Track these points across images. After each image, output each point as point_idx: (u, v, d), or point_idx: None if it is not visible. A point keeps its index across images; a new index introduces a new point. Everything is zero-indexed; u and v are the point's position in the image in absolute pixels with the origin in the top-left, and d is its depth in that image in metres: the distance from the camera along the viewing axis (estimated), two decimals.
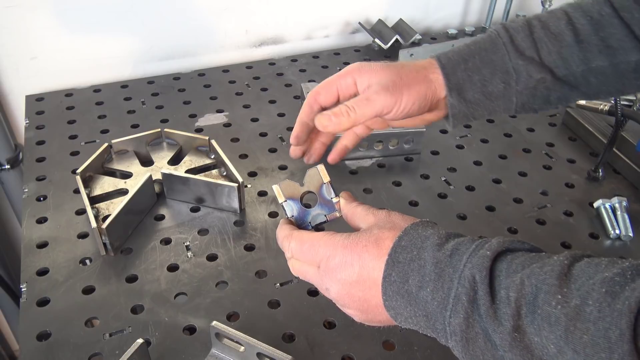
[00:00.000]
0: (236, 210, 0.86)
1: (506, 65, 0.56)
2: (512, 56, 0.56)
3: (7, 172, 1.14)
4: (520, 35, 0.56)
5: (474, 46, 0.58)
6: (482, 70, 0.56)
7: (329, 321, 0.71)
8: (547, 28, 0.56)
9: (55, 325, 0.69)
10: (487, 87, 0.56)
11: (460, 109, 0.57)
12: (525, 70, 0.56)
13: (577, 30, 0.55)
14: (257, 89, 1.17)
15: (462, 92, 0.56)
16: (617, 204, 0.88)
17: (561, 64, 0.56)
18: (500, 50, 0.56)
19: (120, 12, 1.12)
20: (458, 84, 0.56)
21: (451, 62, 0.56)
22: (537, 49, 0.56)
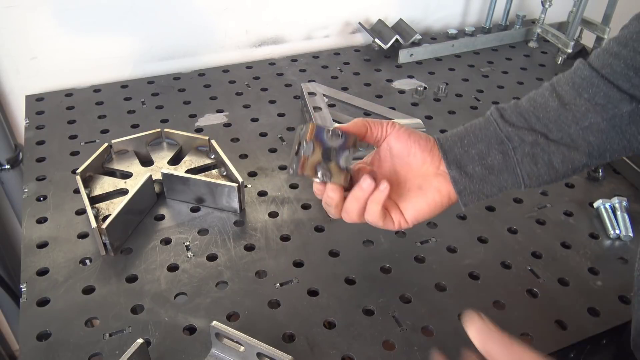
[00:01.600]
0: (236, 210, 0.86)
1: (499, 135, 0.58)
2: (502, 127, 0.58)
3: (7, 172, 1.14)
4: (508, 111, 0.59)
5: (469, 126, 0.60)
6: (478, 145, 0.58)
7: (329, 321, 0.71)
8: (532, 100, 0.59)
9: (55, 325, 0.69)
10: (486, 159, 0.58)
11: (464, 184, 0.58)
12: (516, 136, 0.58)
13: (561, 96, 0.57)
14: (257, 89, 1.17)
15: (462, 166, 0.58)
16: (617, 204, 0.88)
17: (553, 126, 0.57)
18: (492, 125, 0.59)
19: (120, 12, 1.12)
20: (456, 159, 0.58)
21: (448, 142, 0.59)
22: (525, 119, 0.58)
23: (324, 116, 0.98)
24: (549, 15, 1.34)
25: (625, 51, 0.55)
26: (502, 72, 1.27)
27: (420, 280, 0.77)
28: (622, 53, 0.55)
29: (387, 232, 0.83)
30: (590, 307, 0.74)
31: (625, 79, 0.55)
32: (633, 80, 0.54)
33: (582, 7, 1.21)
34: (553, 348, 0.69)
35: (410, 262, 0.80)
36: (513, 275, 0.78)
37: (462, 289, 0.76)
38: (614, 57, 0.56)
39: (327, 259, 0.80)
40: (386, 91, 1.18)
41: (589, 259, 0.81)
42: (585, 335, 0.71)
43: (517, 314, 0.73)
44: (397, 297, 0.74)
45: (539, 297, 0.76)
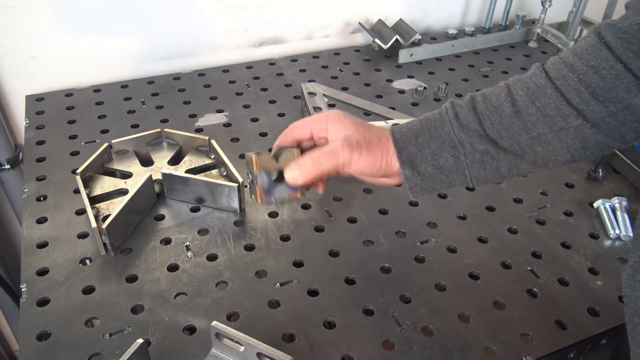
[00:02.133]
0: (236, 210, 0.86)
1: (452, 139, 0.60)
2: (456, 131, 0.60)
3: (7, 172, 1.14)
4: (464, 111, 0.60)
5: (425, 122, 0.62)
6: (432, 145, 0.60)
7: (329, 321, 0.71)
8: (488, 101, 0.60)
9: (55, 325, 0.69)
10: (438, 160, 0.60)
11: (415, 181, 0.61)
12: (469, 143, 0.60)
13: (515, 101, 0.58)
14: (257, 89, 1.17)
15: (415, 165, 0.61)
16: (617, 204, 0.88)
17: (505, 134, 0.59)
18: (447, 125, 0.60)
19: (120, 12, 1.12)
20: (410, 157, 0.61)
21: (403, 137, 0.61)
22: (480, 122, 0.59)
23: None
24: (549, 15, 1.34)
25: (580, 64, 0.56)
26: (502, 72, 1.27)
27: (420, 280, 0.77)
28: (577, 66, 0.56)
29: (387, 232, 0.84)
30: (590, 307, 0.74)
31: (577, 93, 0.56)
32: (583, 96, 0.56)
33: (582, 7, 1.21)
34: (553, 348, 0.69)
35: (410, 262, 0.80)
36: (513, 275, 0.78)
37: (462, 289, 0.76)
38: (568, 68, 0.57)
39: (327, 259, 0.80)
40: (386, 91, 1.18)
41: (589, 259, 0.81)
42: (585, 335, 0.71)
43: (517, 314, 0.73)
44: (397, 297, 0.74)
45: (539, 297, 0.76)
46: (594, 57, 0.55)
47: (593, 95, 0.55)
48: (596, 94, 0.55)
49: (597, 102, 0.56)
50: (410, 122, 0.63)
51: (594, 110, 0.56)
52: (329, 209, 0.88)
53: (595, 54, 0.55)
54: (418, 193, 0.62)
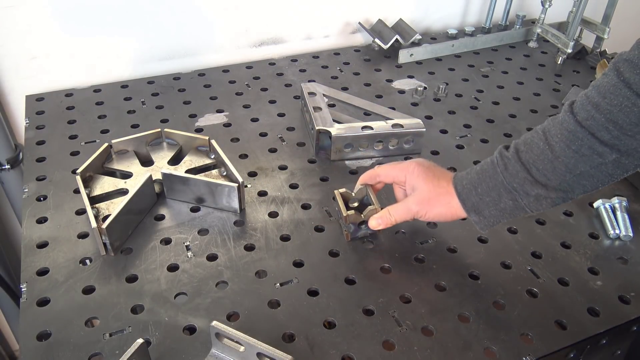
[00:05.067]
0: (236, 210, 0.86)
1: (506, 187, 0.68)
2: (508, 180, 0.68)
3: (7, 172, 1.14)
4: (512, 162, 0.68)
5: (481, 173, 0.71)
6: (491, 193, 0.69)
7: (329, 321, 0.71)
8: (531, 151, 0.67)
9: (55, 325, 0.69)
10: (499, 204, 0.70)
11: (483, 222, 0.72)
12: (522, 190, 0.67)
13: (553, 147, 0.65)
14: (257, 89, 1.17)
15: (479, 212, 0.71)
16: (617, 204, 0.88)
17: (551, 176, 0.65)
18: (499, 176, 0.69)
19: (120, 12, 1.12)
20: (473, 206, 0.71)
21: (465, 190, 0.72)
22: (527, 170, 0.67)
23: (324, 116, 0.98)
24: (549, 15, 1.34)
25: (604, 103, 0.61)
26: (502, 72, 1.27)
27: (420, 280, 0.77)
28: (602, 105, 0.61)
29: (387, 232, 0.84)
30: (590, 307, 0.74)
31: (606, 131, 0.61)
32: (612, 133, 0.61)
33: (582, 7, 1.21)
34: (553, 348, 0.69)
35: (410, 262, 0.80)
36: (513, 275, 0.78)
37: (462, 289, 0.76)
38: (595, 109, 0.61)
39: (327, 259, 0.80)
40: (386, 91, 1.18)
41: (589, 259, 0.81)
42: (585, 335, 0.71)
43: (517, 314, 0.73)
44: (397, 297, 0.74)
45: (539, 297, 0.76)
46: (616, 97, 0.60)
47: (622, 131, 0.60)
48: (624, 129, 0.60)
49: (627, 137, 0.60)
50: (469, 174, 0.73)
51: (626, 143, 0.61)
52: (329, 209, 0.88)
53: (616, 93, 0.60)
54: (486, 227, 0.73)
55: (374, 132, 0.96)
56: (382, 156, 0.99)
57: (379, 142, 0.98)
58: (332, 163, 0.98)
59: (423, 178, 0.75)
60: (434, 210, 0.74)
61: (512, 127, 1.09)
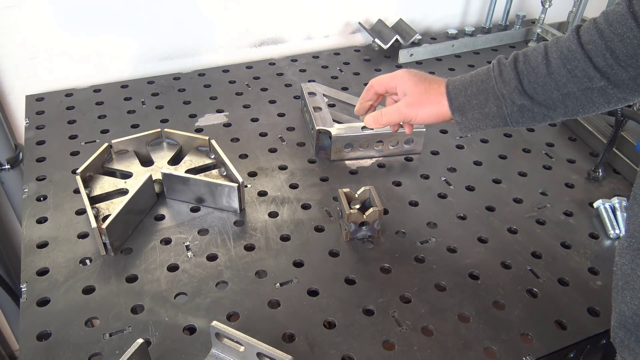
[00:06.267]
0: (236, 210, 0.86)
1: (496, 92, 0.71)
2: (499, 86, 0.71)
3: (7, 172, 1.14)
4: (507, 69, 0.70)
5: (475, 76, 0.73)
6: (478, 96, 0.72)
7: (329, 321, 0.71)
8: (528, 62, 0.69)
9: (55, 325, 0.69)
10: (484, 109, 0.72)
11: (464, 124, 0.74)
12: (509, 98, 0.70)
13: (550, 63, 0.67)
14: (257, 89, 1.17)
15: (464, 112, 0.73)
16: (617, 204, 0.88)
17: (540, 91, 0.69)
18: (492, 80, 0.71)
19: (120, 12, 1.12)
20: (460, 106, 0.73)
21: (455, 89, 0.74)
22: (519, 79, 0.69)
23: (324, 116, 0.98)
24: (549, 15, 1.34)
25: (608, 31, 0.62)
26: None
27: (420, 280, 0.77)
28: (606, 32, 0.63)
29: (387, 232, 0.84)
30: (590, 307, 0.74)
31: (603, 58, 0.63)
32: (608, 61, 0.63)
33: (582, 7, 1.21)
34: (553, 348, 0.69)
35: (410, 262, 0.80)
36: (513, 275, 0.78)
37: (462, 289, 0.76)
38: (599, 35, 0.63)
39: (327, 259, 0.80)
40: None
41: (589, 259, 0.81)
42: (585, 335, 0.71)
43: (517, 314, 0.73)
44: (397, 297, 0.74)
45: (539, 297, 0.76)
46: (621, 26, 0.61)
47: (617, 60, 0.62)
48: (619, 59, 0.62)
49: (619, 67, 0.62)
50: (463, 76, 0.75)
51: (617, 73, 0.63)
52: (329, 209, 0.88)
53: (622, 22, 0.61)
54: (466, 132, 0.75)
55: (374, 132, 0.96)
56: (382, 156, 0.99)
57: (379, 142, 0.98)
58: (332, 163, 0.98)
59: (414, 82, 0.77)
60: (423, 111, 0.76)
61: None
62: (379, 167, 0.98)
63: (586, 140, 1.05)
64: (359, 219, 0.80)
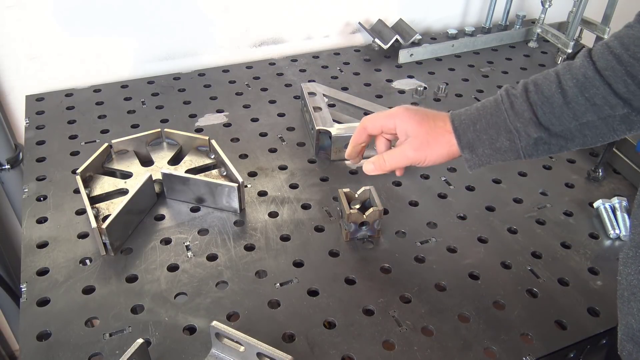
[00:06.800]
0: (236, 210, 0.86)
1: (508, 126, 0.66)
2: (511, 119, 0.66)
3: (7, 172, 1.14)
4: (519, 101, 0.66)
5: (482, 110, 0.68)
6: (489, 131, 0.67)
7: (329, 321, 0.71)
8: (540, 92, 0.65)
9: (55, 325, 0.69)
10: (495, 144, 0.67)
11: (474, 160, 0.69)
12: (524, 131, 0.65)
13: (565, 92, 0.63)
14: (257, 89, 1.17)
15: (474, 149, 0.68)
16: (617, 204, 0.88)
17: (556, 121, 0.64)
18: (503, 114, 0.66)
19: (120, 12, 1.12)
20: (469, 142, 0.68)
21: (462, 125, 0.68)
22: (533, 111, 0.65)
23: (324, 116, 0.98)
24: (549, 15, 1.34)
25: (626, 56, 0.59)
26: (502, 72, 1.27)
27: (420, 280, 0.77)
28: (624, 57, 0.59)
29: (387, 232, 0.84)
30: (590, 307, 0.74)
31: (624, 84, 0.60)
32: (630, 87, 0.59)
33: (582, 7, 1.21)
34: (553, 348, 0.69)
35: (410, 262, 0.80)
36: (513, 275, 0.78)
37: (462, 289, 0.76)
38: (616, 60, 0.60)
39: (327, 259, 0.80)
40: (386, 91, 1.18)
41: (589, 259, 0.81)
42: (585, 335, 0.71)
43: (517, 314, 0.73)
44: (397, 297, 0.74)
45: (539, 297, 0.76)
46: None
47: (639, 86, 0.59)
48: None
49: None
50: (468, 109, 0.70)
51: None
52: (329, 209, 0.88)
53: None
54: (475, 168, 0.70)
55: None
56: None
57: None
58: (332, 163, 0.98)
59: (416, 121, 0.70)
60: (433, 154, 0.70)
61: None
62: None
63: None
64: (359, 219, 0.80)
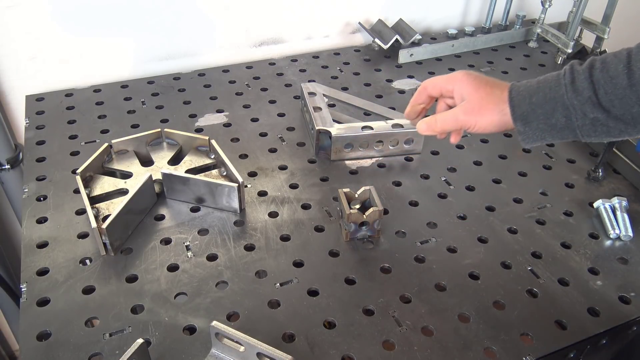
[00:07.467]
0: (236, 210, 0.86)
1: (565, 102, 0.63)
2: (569, 95, 0.63)
3: (7, 172, 1.14)
4: (581, 77, 0.63)
5: (542, 83, 0.66)
6: (545, 106, 0.65)
7: (329, 321, 0.71)
8: (606, 70, 0.62)
9: (55, 325, 0.69)
10: (551, 119, 0.65)
11: (528, 134, 0.67)
12: (580, 109, 0.63)
13: (633, 73, 0.60)
14: (257, 89, 1.17)
15: (528, 122, 0.66)
16: (617, 204, 0.88)
17: (618, 104, 0.61)
18: (562, 88, 0.64)
19: (120, 12, 1.12)
20: (523, 114, 0.66)
21: (519, 96, 0.67)
22: (594, 90, 0.62)
23: (324, 116, 0.98)
24: (549, 15, 1.34)
25: None
26: (502, 72, 1.27)
27: (420, 280, 0.77)
28: None
29: (387, 232, 0.84)
30: (590, 307, 0.74)
31: None
32: None
33: (582, 7, 1.21)
34: (553, 348, 0.69)
35: (410, 262, 0.80)
36: (513, 275, 0.78)
37: (462, 289, 0.76)
38: None
39: (327, 259, 0.80)
40: (386, 91, 1.18)
41: (589, 259, 0.81)
42: (585, 335, 0.71)
43: (517, 314, 0.73)
44: (397, 297, 0.74)
45: (539, 297, 0.76)
46: None
47: None
48: None
49: None
50: (530, 82, 0.68)
51: None
52: (329, 209, 0.88)
53: None
54: (529, 143, 0.68)
55: (374, 132, 0.96)
56: (382, 156, 0.99)
57: (379, 142, 0.98)
58: (332, 163, 0.98)
59: (474, 86, 0.70)
60: (484, 120, 0.69)
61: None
62: (379, 167, 0.98)
63: None
64: (359, 219, 0.80)
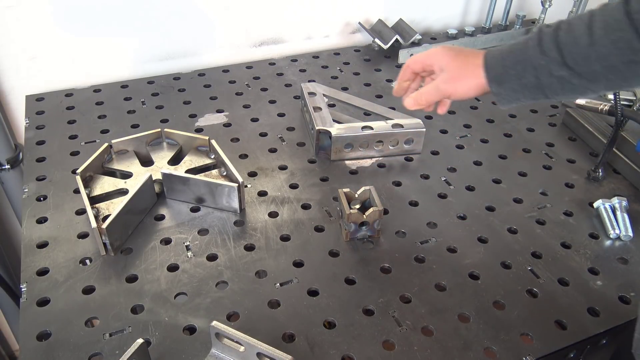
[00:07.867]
0: (236, 210, 0.86)
1: (534, 63, 0.67)
2: (537, 56, 0.67)
3: (7, 172, 1.14)
4: (547, 38, 0.67)
5: (514, 47, 0.70)
6: (516, 67, 0.69)
7: (329, 321, 0.71)
8: (570, 32, 0.65)
9: (55, 325, 0.69)
10: (522, 79, 0.69)
11: (502, 95, 0.71)
12: (547, 69, 0.66)
13: (593, 33, 0.63)
14: (257, 89, 1.17)
15: (501, 83, 0.70)
16: (617, 204, 0.88)
17: (581, 62, 0.64)
18: (530, 50, 0.68)
19: (120, 12, 1.12)
20: (497, 76, 0.71)
21: (493, 60, 0.71)
22: (559, 50, 0.65)
23: (324, 116, 0.98)
24: (549, 15, 1.34)
25: None
26: None
27: (420, 280, 0.77)
28: None
29: (387, 232, 0.84)
30: (590, 307, 0.74)
31: None
32: None
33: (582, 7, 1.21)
34: (553, 348, 0.69)
35: (410, 262, 0.80)
36: (513, 275, 0.78)
37: (462, 289, 0.76)
38: None
39: (327, 259, 0.80)
40: (386, 91, 1.18)
41: (589, 259, 0.81)
42: (585, 335, 0.71)
43: (517, 314, 0.73)
44: (397, 297, 0.74)
45: (539, 297, 0.76)
46: None
47: None
48: None
49: None
50: (502, 46, 0.72)
51: None
52: (329, 209, 0.88)
53: None
54: (505, 104, 0.72)
55: (374, 132, 0.96)
56: (382, 156, 0.99)
57: (379, 142, 0.98)
58: (332, 163, 0.98)
59: (450, 56, 0.74)
60: (462, 85, 0.73)
61: (512, 127, 1.09)
62: (379, 167, 0.98)
63: (586, 140, 1.05)
64: (359, 219, 0.80)
